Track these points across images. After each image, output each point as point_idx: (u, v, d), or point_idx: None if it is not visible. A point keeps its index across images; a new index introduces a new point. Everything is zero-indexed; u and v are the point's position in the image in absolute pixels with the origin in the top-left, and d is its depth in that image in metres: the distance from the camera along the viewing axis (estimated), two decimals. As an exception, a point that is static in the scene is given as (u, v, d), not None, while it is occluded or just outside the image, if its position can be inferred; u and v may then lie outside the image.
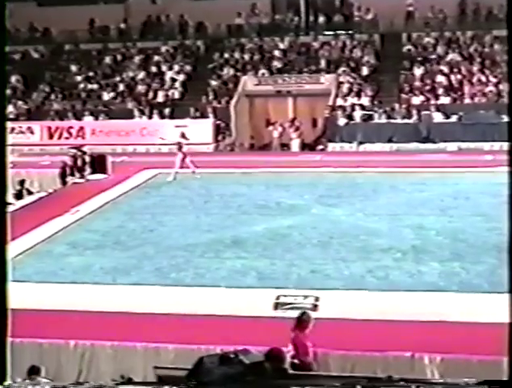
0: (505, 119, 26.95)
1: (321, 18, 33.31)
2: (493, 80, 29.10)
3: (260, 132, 30.62)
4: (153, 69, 32.45)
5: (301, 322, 9.11)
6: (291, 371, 6.97)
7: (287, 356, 6.69)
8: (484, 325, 10.19)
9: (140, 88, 31.52)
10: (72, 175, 22.38)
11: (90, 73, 32.53)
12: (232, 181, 21.26)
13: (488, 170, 21.92)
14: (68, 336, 10.16)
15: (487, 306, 10.94)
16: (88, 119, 30.11)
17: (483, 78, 29.28)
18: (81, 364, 9.93)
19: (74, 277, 12.87)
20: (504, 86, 28.65)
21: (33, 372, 8.02)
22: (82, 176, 22.52)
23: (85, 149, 23.65)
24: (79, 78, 32.33)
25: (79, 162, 22.73)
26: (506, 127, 23.20)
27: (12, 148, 23.04)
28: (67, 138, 28.91)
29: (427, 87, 29.30)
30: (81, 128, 29.39)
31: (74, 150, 23.25)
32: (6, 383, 3.96)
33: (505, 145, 26.12)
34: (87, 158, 22.99)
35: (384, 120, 28.25)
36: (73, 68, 32.87)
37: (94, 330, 10.38)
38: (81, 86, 32.00)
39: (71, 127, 29.49)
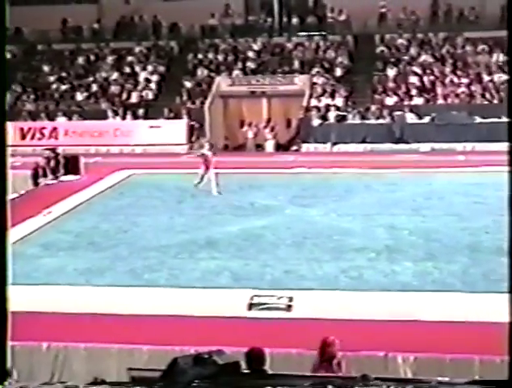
0: (477, 120, 27.23)
1: (295, 20, 33.39)
2: (465, 81, 29.35)
3: (234, 133, 30.62)
4: (127, 69, 32.32)
5: (323, 347, 8.00)
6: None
7: (267, 357, 6.65)
8: (456, 324, 10.29)
9: (114, 89, 31.37)
10: (44, 176, 22.23)
11: (63, 74, 32.32)
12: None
13: (461, 171, 22.13)
14: (41, 338, 10.08)
15: (460, 305, 11.04)
16: (61, 119, 29.91)
17: (455, 79, 29.52)
18: (54, 366, 9.86)
19: (47, 279, 12.78)
20: (476, 88, 28.93)
21: (5, 374, 7.93)
22: (55, 177, 22.37)
23: (58, 150, 23.50)
24: (52, 79, 32.11)
25: (52, 163, 22.58)
26: (479, 128, 23.29)
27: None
28: (40, 139, 28.70)
29: (400, 88, 29.49)
30: (54, 129, 29.20)
31: (48, 151, 23.10)
32: (6, 383, 3.93)
33: (478, 146, 26.47)
34: (61, 159, 22.84)
35: (357, 120, 28.37)
36: (46, 68, 32.65)
37: (67, 331, 10.31)
38: (54, 86, 31.79)
39: (44, 127, 29.29)
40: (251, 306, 11.19)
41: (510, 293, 3.94)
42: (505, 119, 26.83)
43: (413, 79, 29.79)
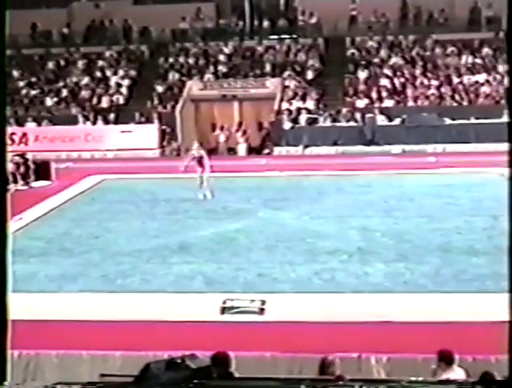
0: (447, 121, 27.46)
1: (266, 23, 33.47)
2: (435, 83, 29.59)
3: (206, 137, 30.56)
4: (98, 74, 32.16)
5: (322, 368, 7.21)
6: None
7: (232, 360, 6.64)
8: (428, 324, 10.36)
9: (84, 93, 31.21)
10: (15, 182, 22.04)
11: (33, 79, 32.09)
12: (178, 186, 21.18)
13: (432, 172, 22.30)
14: (11, 346, 9.97)
15: (431, 306, 11.11)
16: (31, 125, 29.69)
17: (425, 81, 29.75)
18: (25, 374, 9.76)
19: (18, 286, 12.60)
20: (446, 89, 29.17)
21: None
22: (26, 183, 22.20)
23: (28, 155, 23.31)
24: (21, 84, 31.85)
25: (22, 169, 22.40)
26: (449, 129, 23.44)
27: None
28: (9, 145, 28.38)
29: (371, 90, 29.64)
30: (24, 135, 28.97)
31: (18, 157, 22.92)
32: (6, 383, 3.91)
33: (448, 147, 26.69)
34: (31, 165, 22.67)
35: (329, 123, 28.48)
36: (15, 73, 32.36)
37: (39, 339, 10.23)
38: (24, 91, 31.55)
39: (13, 133, 29.00)
40: (224, 310, 11.19)
41: (510, 293, 3.97)
42: (474, 120, 27.16)
43: (384, 81, 29.98)
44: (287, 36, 32.94)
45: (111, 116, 29.95)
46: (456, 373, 7.15)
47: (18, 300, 11.84)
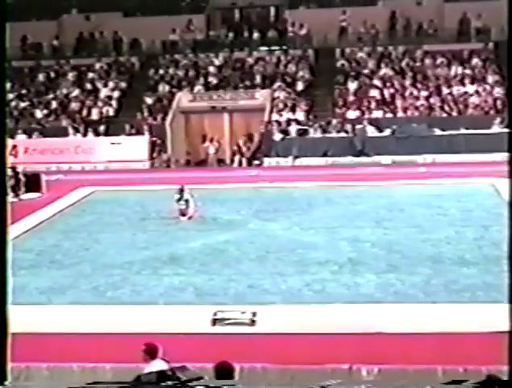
0: (437, 132, 27.56)
1: (256, 34, 33.57)
2: (425, 94, 29.69)
3: (196, 148, 30.59)
4: (88, 86, 32.15)
5: None
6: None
7: (236, 370, 6.68)
8: (419, 335, 10.35)
9: (74, 105, 31.18)
10: (5, 194, 21.93)
11: (23, 91, 32.04)
12: (168, 197, 21.14)
13: (422, 183, 22.35)
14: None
15: (422, 316, 11.11)
16: (21, 137, 29.62)
17: (415, 92, 29.85)
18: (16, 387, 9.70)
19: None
20: (435, 100, 29.28)
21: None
22: (16, 196, 22.12)
23: (18, 167, 23.25)
24: (11, 96, 31.79)
25: (12, 182, 22.32)
26: (438, 140, 23.56)
27: None
28: (-1, 157, 28.31)
29: (361, 101, 29.71)
30: (14, 147, 28.88)
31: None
32: (6, 383, 3.89)
33: (438, 158, 26.75)
34: (21, 177, 22.60)
35: (319, 134, 28.52)
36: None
37: (29, 351, 10.17)
38: (14, 103, 31.48)
39: (3, 145, 28.93)
40: (215, 322, 11.16)
41: (510, 303, 3.96)
42: (463, 131, 27.27)
43: (374, 92, 30.06)
44: (277, 48, 33.05)
45: (101, 128, 29.94)
46: (158, 365, 7.79)
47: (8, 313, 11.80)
